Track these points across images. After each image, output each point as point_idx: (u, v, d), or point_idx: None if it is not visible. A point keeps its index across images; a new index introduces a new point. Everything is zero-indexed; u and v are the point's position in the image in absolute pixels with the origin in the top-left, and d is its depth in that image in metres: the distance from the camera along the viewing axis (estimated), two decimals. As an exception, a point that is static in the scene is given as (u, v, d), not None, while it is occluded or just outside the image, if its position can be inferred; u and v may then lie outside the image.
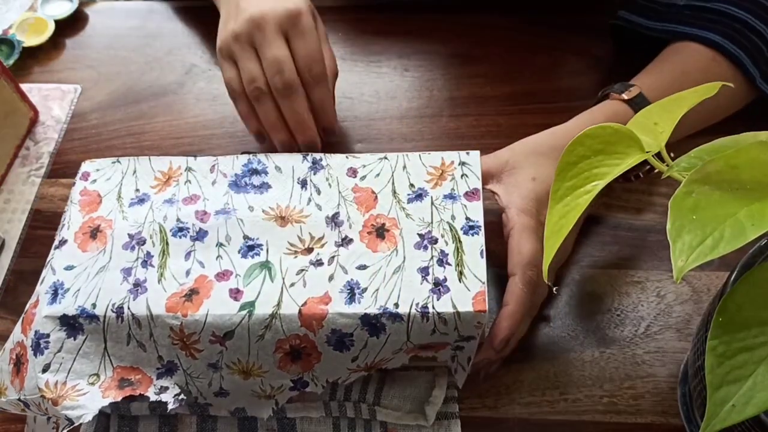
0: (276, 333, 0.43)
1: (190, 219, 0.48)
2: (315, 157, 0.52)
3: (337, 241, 0.47)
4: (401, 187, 0.50)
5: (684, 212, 0.29)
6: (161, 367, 0.45)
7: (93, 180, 0.52)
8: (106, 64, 0.73)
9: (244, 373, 0.45)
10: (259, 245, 0.47)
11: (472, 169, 0.50)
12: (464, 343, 0.45)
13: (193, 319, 0.43)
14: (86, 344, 0.45)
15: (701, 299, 0.53)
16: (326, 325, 0.43)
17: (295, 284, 0.45)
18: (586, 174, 0.35)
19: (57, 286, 0.46)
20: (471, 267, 0.45)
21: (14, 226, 0.62)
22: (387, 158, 0.51)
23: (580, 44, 0.69)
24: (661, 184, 0.58)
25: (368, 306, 0.43)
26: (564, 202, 0.35)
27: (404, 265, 0.45)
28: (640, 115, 0.40)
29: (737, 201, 0.29)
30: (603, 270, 0.55)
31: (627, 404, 0.49)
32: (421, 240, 0.46)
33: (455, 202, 0.48)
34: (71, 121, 0.69)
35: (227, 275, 0.45)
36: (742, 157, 0.30)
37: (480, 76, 0.68)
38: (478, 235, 0.46)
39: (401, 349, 0.45)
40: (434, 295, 0.44)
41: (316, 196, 0.50)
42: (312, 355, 0.44)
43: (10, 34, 0.74)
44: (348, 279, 0.45)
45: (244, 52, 0.54)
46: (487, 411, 0.50)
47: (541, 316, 0.53)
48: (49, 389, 0.44)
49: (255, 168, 0.52)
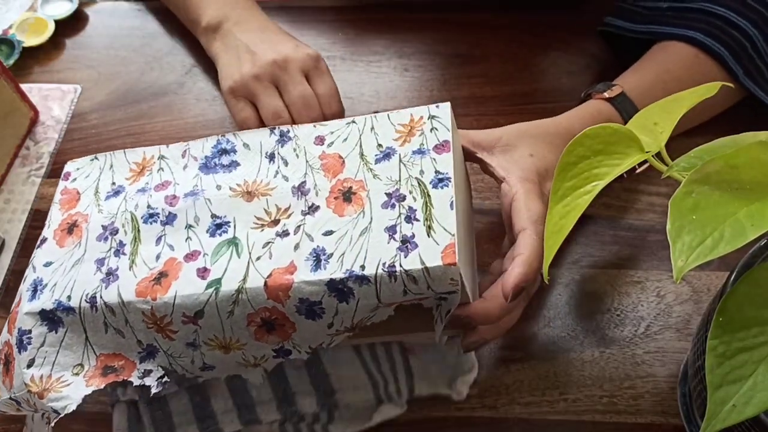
0: (245, 307, 0.43)
1: (160, 204, 0.48)
2: (282, 130, 0.51)
3: (303, 210, 0.46)
4: (369, 149, 0.48)
5: (684, 212, 0.29)
6: (142, 351, 0.45)
7: (73, 179, 0.53)
8: (106, 64, 0.73)
9: (224, 348, 0.45)
10: (226, 223, 0.46)
11: (441, 122, 0.48)
12: (447, 295, 0.43)
13: (162, 302, 0.43)
14: (67, 336, 0.45)
15: (701, 299, 0.53)
16: (293, 295, 0.42)
17: (261, 257, 0.44)
18: (585, 174, 0.35)
19: (36, 282, 0.46)
20: (440, 220, 0.42)
21: (14, 226, 0.62)
22: (355, 122, 0.50)
23: (580, 44, 0.69)
24: (661, 184, 0.58)
25: (334, 271, 0.41)
26: (564, 203, 0.35)
27: (371, 226, 0.43)
28: (639, 115, 0.40)
29: (737, 201, 0.29)
30: (603, 270, 0.55)
31: (627, 404, 0.49)
32: (388, 199, 0.44)
33: (424, 156, 0.46)
34: (71, 121, 0.69)
35: (195, 255, 0.45)
36: (741, 157, 0.30)
37: (480, 76, 0.68)
38: (448, 187, 0.44)
39: (378, 308, 0.43)
40: (401, 253, 0.41)
41: (284, 168, 0.49)
42: (285, 325, 0.43)
43: (10, 34, 0.74)
44: (314, 246, 0.43)
45: (267, 90, 0.60)
46: (487, 411, 0.50)
47: (541, 316, 0.53)
48: (35, 383, 0.44)
49: (224, 148, 0.51)
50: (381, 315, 0.43)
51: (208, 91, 0.69)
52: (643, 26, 0.61)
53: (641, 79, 0.57)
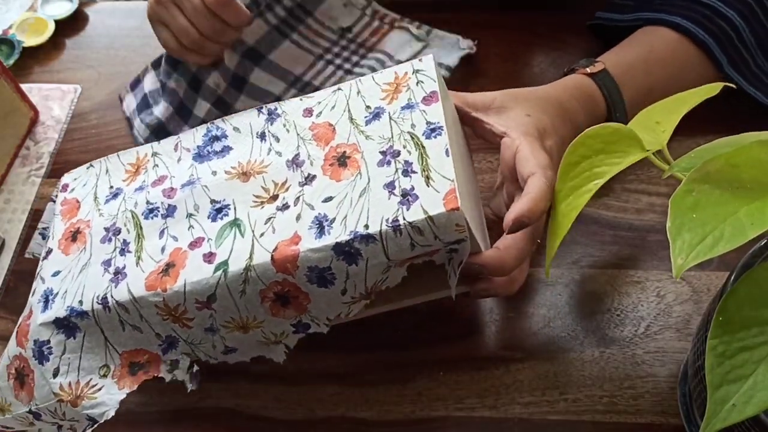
0: (255, 284, 0.43)
1: (159, 198, 0.48)
2: (270, 108, 0.51)
3: (300, 181, 0.46)
4: (357, 112, 0.48)
5: (684, 211, 0.29)
6: (162, 343, 0.45)
7: (72, 189, 0.53)
8: (106, 64, 0.73)
9: (242, 328, 0.45)
10: (226, 206, 0.46)
11: (427, 74, 0.48)
12: (456, 246, 0.43)
13: (173, 292, 0.43)
14: (86, 340, 0.45)
15: (701, 299, 0.53)
16: (301, 265, 0.42)
17: (265, 233, 0.43)
18: (587, 173, 0.35)
19: (47, 293, 0.46)
20: (437, 169, 0.42)
21: (14, 226, 0.62)
22: (341, 89, 0.50)
23: (580, 44, 0.69)
24: (661, 184, 0.58)
25: (338, 235, 0.41)
26: (566, 202, 0.35)
27: (369, 185, 0.43)
28: (641, 114, 0.41)
29: (737, 200, 0.29)
30: (603, 270, 0.55)
31: (627, 404, 0.49)
32: (383, 157, 0.44)
33: (413, 110, 0.46)
34: (71, 121, 0.69)
35: (200, 242, 0.45)
36: (742, 156, 0.30)
37: (480, 76, 0.68)
38: (441, 136, 0.44)
39: (390, 267, 0.43)
40: (403, 207, 0.41)
41: (276, 145, 0.49)
42: (299, 297, 0.43)
43: (10, 34, 0.74)
44: (315, 214, 0.43)
45: (170, 11, 0.59)
46: (487, 411, 0.50)
47: (541, 316, 0.53)
48: (65, 392, 0.44)
49: (215, 135, 0.51)
50: (394, 277, 0.43)
51: (208, 91, 0.69)
52: (631, 15, 0.61)
53: (624, 57, 0.57)
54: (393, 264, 0.42)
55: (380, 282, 0.43)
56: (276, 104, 0.51)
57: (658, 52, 0.57)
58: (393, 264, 0.42)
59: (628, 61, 0.57)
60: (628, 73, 0.56)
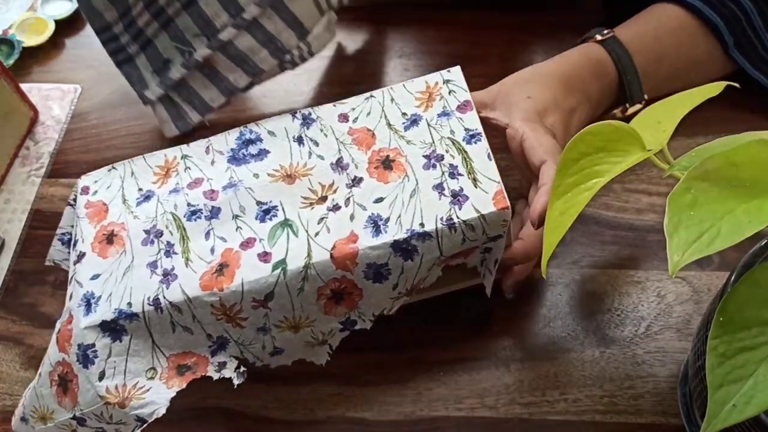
0: (314, 282, 0.44)
1: (200, 200, 0.49)
2: (304, 113, 0.52)
3: (347, 183, 0.48)
4: (394, 119, 0.50)
5: (682, 208, 0.29)
6: (213, 344, 0.46)
7: (94, 192, 0.52)
8: (106, 64, 0.72)
9: (294, 328, 0.46)
10: (274, 207, 0.47)
11: (457, 84, 0.51)
12: (492, 244, 0.46)
13: (230, 291, 0.44)
14: (133, 343, 0.45)
15: (701, 299, 0.53)
16: (360, 261, 0.44)
17: (320, 233, 0.45)
18: (587, 171, 0.35)
19: (88, 297, 0.46)
20: (482, 172, 0.46)
21: (14, 226, 0.62)
22: (373, 96, 0.52)
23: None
24: (661, 184, 0.58)
25: (395, 233, 0.44)
26: (565, 198, 0.35)
27: (418, 187, 0.46)
28: (642, 113, 0.41)
29: (735, 198, 0.29)
30: (603, 270, 0.55)
31: (627, 404, 0.49)
32: (428, 160, 0.47)
33: (450, 117, 0.49)
34: (71, 121, 0.69)
35: (251, 243, 0.46)
36: (741, 154, 0.30)
37: (480, 76, 0.67)
38: (481, 141, 0.48)
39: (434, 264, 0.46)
40: (455, 206, 0.45)
41: (315, 148, 0.50)
42: (353, 293, 0.45)
43: (10, 34, 0.74)
44: (369, 214, 0.46)
45: None
46: (487, 411, 0.49)
47: (541, 316, 0.53)
48: (112, 394, 0.44)
49: (248, 138, 0.52)
50: (432, 276, 0.47)
51: (208, 91, 0.69)
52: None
53: (633, 27, 0.59)
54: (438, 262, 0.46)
55: (422, 280, 0.47)
56: (309, 109, 0.53)
57: (667, 25, 0.58)
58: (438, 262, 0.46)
59: (637, 30, 0.58)
60: (637, 41, 0.57)
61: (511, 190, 0.46)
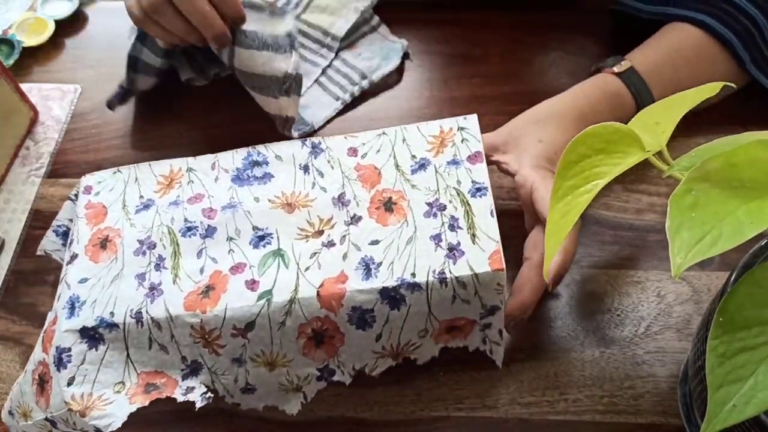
0: (297, 318, 0.43)
1: (198, 217, 0.49)
2: (314, 142, 0.52)
3: (346, 220, 0.47)
4: (403, 160, 0.50)
5: (683, 210, 0.29)
6: (186, 368, 0.45)
7: (96, 192, 0.52)
8: (106, 64, 0.73)
9: (269, 365, 0.45)
10: (269, 234, 0.47)
11: (471, 133, 0.50)
12: (490, 319, 0.45)
13: (212, 315, 0.43)
14: (108, 353, 0.45)
15: (701, 299, 0.53)
16: (346, 304, 0.43)
17: (310, 267, 0.45)
18: (587, 173, 0.35)
19: (73, 299, 0.46)
20: (483, 228, 0.45)
21: (14, 226, 0.62)
22: (386, 133, 0.52)
23: (580, 44, 0.69)
24: (661, 184, 0.58)
25: (385, 279, 0.43)
26: (565, 201, 0.35)
27: (416, 234, 0.45)
28: (641, 114, 0.41)
29: (736, 199, 0.29)
30: (603, 270, 0.55)
31: (627, 404, 0.49)
32: (429, 208, 0.47)
33: (459, 167, 0.49)
34: (71, 121, 0.69)
35: (241, 268, 0.46)
36: (741, 155, 0.30)
37: (480, 76, 0.68)
38: (486, 196, 0.47)
39: (426, 330, 0.45)
40: (450, 260, 0.44)
41: (320, 180, 0.50)
42: (335, 337, 0.44)
43: (10, 34, 0.74)
44: (362, 255, 0.45)
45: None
46: (487, 411, 0.49)
47: (541, 316, 0.53)
48: (76, 402, 0.44)
49: (255, 160, 0.52)
50: (426, 350, 0.46)
51: (208, 92, 0.69)
52: (655, 7, 0.61)
53: (651, 55, 0.58)
54: (431, 328, 0.45)
55: (412, 347, 0.46)
56: (319, 138, 0.52)
57: (684, 50, 0.57)
58: (431, 328, 0.45)
59: (655, 59, 0.57)
60: (656, 71, 0.56)
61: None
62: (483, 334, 0.47)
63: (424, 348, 0.46)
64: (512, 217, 0.54)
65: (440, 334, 0.46)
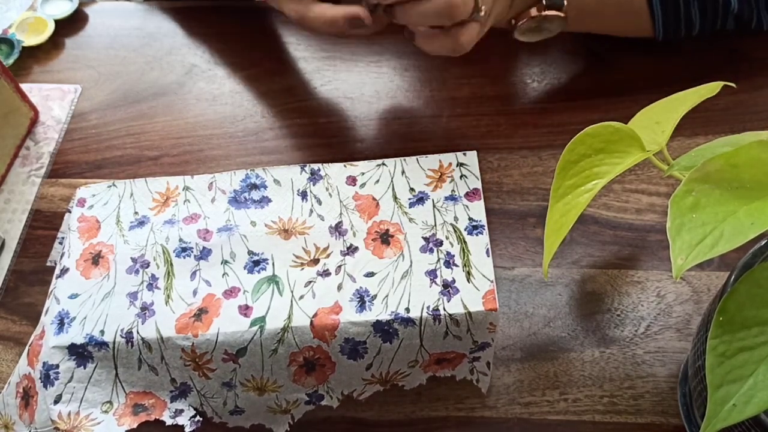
0: (289, 346, 0.43)
1: (193, 238, 0.48)
2: (313, 168, 0.52)
3: (342, 250, 0.47)
4: (402, 192, 0.50)
5: (684, 210, 0.29)
6: (174, 390, 0.45)
7: (90, 206, 0.52)
8: (106, 64, 0.73)
9: (259, 390, 0.45)
10: (264, 260, 0.47)
11: (470, 170, 0.51)
12: (480, 353, 0.46)
13: (204, 339, 0.43)
14: (97, 372, 0.45)
15: (701, 299, 0.53)
16: (339, 335, 0.43)
17: (305, 296, 0.45)
18: (586, 173, 0.35)
19: (62, 315, 0.46)
20: (478, 267, 0.45)
21: (14, 226, 0.62)
22: (385, 164, 0.52)
23: (580, 43, 0.68)
24: (661, 184, 0.58)
25: (379, 313, 0.44)
26: (564, 201, 0.35)
27: (411, 269, 0.46)
28: (641, 113, 0.41)
29: (737, 200, 0.29)
30: (603, 270, 0.55)
31: (627, 404, 0.49)
32: (426, 243, 0.47)
33: (457, 203, 0.49)
34: (71, 121, 0.69)
35: (235, 292, 0.45)
36: (742, 155, 0.30)
37: (480, 76, 0.68)
38: (483, 234, 0.47)
39: (417, 361, 0.45)
40: (444, 297, 0.44)
41: (318, 207, 0.50)
42: (326, 366, 0.45)
43: (10, 33, 0.74)
44: (357, 287, 0.45)
45: None
46: (487, 411, 0.49)
47: (542, 316, 0.53)
48: (63, 420, 0.43)
49: (253, 183, 0.52)
50: (414, 379, 0.46)
51: (208, 91, 0.69)
52: None
53: None
54: (421, 359, 0.45)
55: (401, 375, 0.46)
56: (319, 165, 0.52)
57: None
58: (421, 359, 0.45)
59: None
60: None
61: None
62: (471, 365, 0.47)
63: (413, 377, 0.46)
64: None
65: (429, 364, 0.46)
